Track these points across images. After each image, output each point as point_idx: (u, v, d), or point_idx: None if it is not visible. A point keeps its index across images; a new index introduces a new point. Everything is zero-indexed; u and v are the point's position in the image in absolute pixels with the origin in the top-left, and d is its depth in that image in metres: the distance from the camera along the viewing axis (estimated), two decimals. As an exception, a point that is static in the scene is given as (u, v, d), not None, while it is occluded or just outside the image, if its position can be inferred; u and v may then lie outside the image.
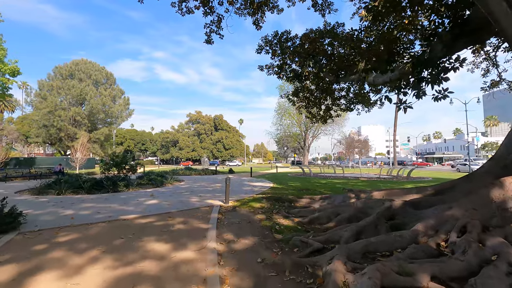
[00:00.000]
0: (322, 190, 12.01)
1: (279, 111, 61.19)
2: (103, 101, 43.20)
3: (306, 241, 4.34)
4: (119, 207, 7.73)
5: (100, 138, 44.76)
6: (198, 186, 13.78)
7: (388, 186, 15.26)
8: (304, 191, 11.57)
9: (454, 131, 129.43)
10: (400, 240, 3.94)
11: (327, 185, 15.02)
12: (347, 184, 15.98)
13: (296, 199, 8.38)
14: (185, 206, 7.94)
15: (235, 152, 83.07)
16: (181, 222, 6.00)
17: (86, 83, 43.43)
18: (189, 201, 8.78)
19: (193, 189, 12.57)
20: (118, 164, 14.84)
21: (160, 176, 15.85)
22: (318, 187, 13.63)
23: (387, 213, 5.06)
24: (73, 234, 4.99)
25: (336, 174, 25.73)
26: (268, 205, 7.88)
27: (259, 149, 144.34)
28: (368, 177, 21.49)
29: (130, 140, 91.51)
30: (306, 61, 10.52)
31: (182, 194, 10.67)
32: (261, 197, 9.46)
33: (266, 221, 6.05)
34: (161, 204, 8.27)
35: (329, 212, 6.00)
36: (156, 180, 14.52)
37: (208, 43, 10.01)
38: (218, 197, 9.76)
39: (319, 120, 13.85)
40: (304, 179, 19.63)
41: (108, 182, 11.71)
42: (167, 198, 9.52)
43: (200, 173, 24.47)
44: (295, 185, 14.90)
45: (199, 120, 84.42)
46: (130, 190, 11.84)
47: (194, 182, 16.55)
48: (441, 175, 26.94)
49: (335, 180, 18.77)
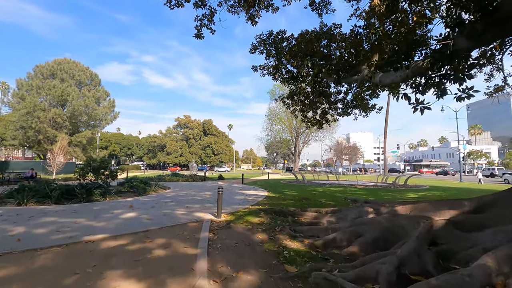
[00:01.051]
0: (323, 200, 10.89)
1: (269, 116, 60.34)
2: (86, 103, 41.08)
3: (333, 279, 3.15)
4: (87, 222, 6.33)
5: (82, 141, 42.48)
6: (186, 195, 12.40)
7: (389, 194, 14.33)
8: (304, 202, 10.41)
9: (440, 139, 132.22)
10: (470, 281, 2.81)
11: (326, 194, 13.93)
12: (346, 193, 14.96)
13: (300, 213, 7.19)
14: (169, 220, 6.62)
15: (224, 158, 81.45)
16: (162, 245, 4.69)
17: (68, 84, 41.25)
18: (174, 214, 7.44)
19: (180, 198, 11.20)
20: (96, 169, 13.30)
21: (143, 183, 14.37)
22: (317, 196, 12.51)
23: (428, 236, 3.94)
24: (7, 268, 3.62)
25: (331, 181, 24.77)
26: (268, 219, 6.66)
27: (248, 155, 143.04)
28: (364, 185, 20.59)
29: (116, 144, 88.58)
30: (304, 61, 9.64)
31: (167, 204, 9.30)
32: (258, 209, 8.22)
33: (270, 244, 4.83)
34: (140, 218, 6.90)
35: (348, 232, 4.83)
36: (138, 187, 13.05)
37: (198, 37, 8.91)
38: (208, 208, 8.47)
39: (314, 125, 13.10)
40: (299, 187, 18.50)
41: (81, 190, 10.20)
42: (149, 210, 8.14)
43: (188, 179, 22.97)
44: (291, 193, 13.74)
45: (187, 125, 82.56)
46: (107, 199, 10.36)
47: (181, 189, 15.14)
48: (437, 183, 26.41)
49: (332, 188, 17.73)
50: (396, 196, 13.74)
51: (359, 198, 10.99)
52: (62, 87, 39.78)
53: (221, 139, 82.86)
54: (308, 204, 9.74)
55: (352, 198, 11.46)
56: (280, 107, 59.37)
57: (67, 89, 40.01)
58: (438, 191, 16.79)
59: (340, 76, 10.98)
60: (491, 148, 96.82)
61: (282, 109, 59.24)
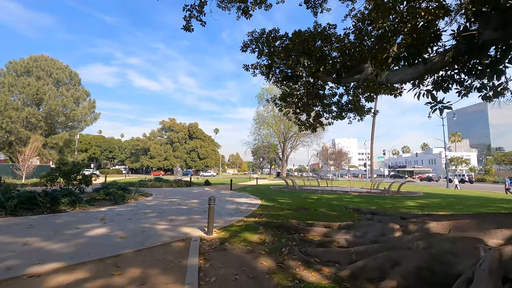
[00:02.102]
0: (323, 210, 9.84)
1: (257, 121, 59.37)
2: (64, 102, 38.63)
3: None
4: (40, 243, 4.95)
5: (59, 143, 39.93)
6: (169, 203, 11.05)
7: (387, 202, 13.50)
8: (303, 212, 9.31)
9: (422, 146, 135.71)
10: None
11: (322, 202, 12.93)
12: (342, 201, 14.03)
13: (305, 227, 6.08)
14: (148, 239, 5.34)
15: (210, 162, 79.64)
16: (135, 280, 3.44)
17: (45, 82, 38.76)
18: (155, 230, 6.15)
19: (163, 207, 9.84)
20: (67, 173, 11.73)
21: (121, 189, 12.88)
22: (314, 205, 11.47)
23: (501, 270, 2.93)
24: None
25: (322, 188, 23.91)
26: (270, 237, 5.51)
27: (234, 160, 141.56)
28: (358, 191, 19.80)
29: (96, 147, 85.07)
30: (300, 60, 8.79)
31: (147, 216, 7.95)
32: (255, 222, 7.05)
33: (281, 275, 3.68)
34: (112, 236, 5.58)
35: (380, 258, 3.75)
36: (115, 194, 11.57)
37: (187, 30, 7.84)
38: (196, 221, 7.22)
39: (308, 128, 12.10)
40: (291, 194, 17.45)
41: (45, 199, 8.68)
42: (124, 223, 6.79)
43: (172, 184, 21.45)
44: (286, 201, 12.64)
45: (172, 128, 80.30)
46: (76, 209, 8.89)
47: (164, 196, 13.73)
48: (427, 189, 26.10)
49: (326, 195, 16.78)
50: (396, 204, 12.93)
51: (362, 208, 10.04)
52: (37, 85, 37.28)
53: (207, 143, 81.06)
54: (309, 215, 8.66)
55: (353, 207, 10.51)
56: (268, 111, 58.65)
57: (43, 88, 37.54)
58: (434, 199, 16.17)
59: (340, 76, 10.21)
60: (471, 155, 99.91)
61: (270, 113, 58.51)
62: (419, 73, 6.53)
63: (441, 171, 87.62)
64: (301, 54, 9.10)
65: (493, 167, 67.78)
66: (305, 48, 9.41)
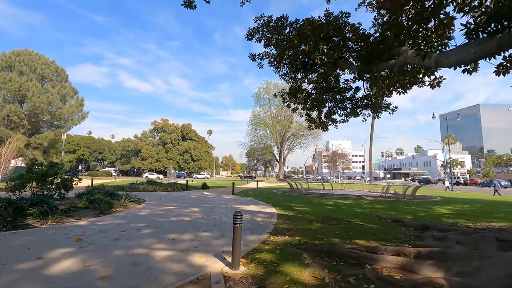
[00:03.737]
0: (357, 221, 8.05)
1: (254, 121, 57.53)
2: (49, 100, 36.03)
3: None
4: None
5: (43, 143, 37.26)
6: (166, 213, 9.10)
7: (414, 209, 11.87)
8: (336, 225, 7.48)
9: (416, 148, 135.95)
10: None
11: (344, 210, 11.18)
12: (363, 207, 12.33)
13: (368, 255, 4.27)
14: (143, 280, 3.45)
15: (204, 164, 77.38)
16: None
17: (28, 77, 36.13)
18: (153, 261, 4.23)
19: (159, 219, 7.88)
20: (41, 176, 9.67)
21: (108, 195, 10.87)
22: (339, 214, 9.71)
23: None
24: None
25: (329, 191, 22.23)
26: (327, 273, 3.69)
27: (228, 162, 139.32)
28: (372, 196, 18.14)
29: (85, 148, 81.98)
30: (319, 45, 7.23)
31: (140, 234, 5.99)
32: (289, 243, 5.21)
33: None
34: (86, 274, 3.64)
35: None
36: (101, 201, 9.57)
37: (188, 7, 6.09)
38: (207, 242, 5.34)
39: (318, 126, 10.88)
40: (301, 199, 15.66)
41: (7, 210, 6.66)
42: (107, 249, 4.83)
43: (166, 188, 19.37)
44: (303, 209, 10.82)
45: (165, 129, 77.81)
46: (48, 223, 6.89)
47: (159, 203, 11.75)
48: (440, 193, 24.69)
49: (340, 200, 15.05)
50: (428, 211, 11.28)
51: (403, 219, 8.31)
52: (20, 81, 34.64)
53: (201, 144, 78.81)
54: (347, 229, 6.86)
55: (391, 217, 8.77)
56: (265, 111, 56.96)
57: (26, 84, 34.91)
58: (461, 204, 14.56)
59: (368, 63, 8.65)
60: (465, 157, 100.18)
61: (267, 113, 56.82)
62: (490, 50, 4.84)
63: (436, 173, 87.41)
64: (320, 39, 7.42)
65: (492, 170, 67.56)
66: (324, 32, 7.62)
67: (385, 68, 8.49)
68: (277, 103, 56.04)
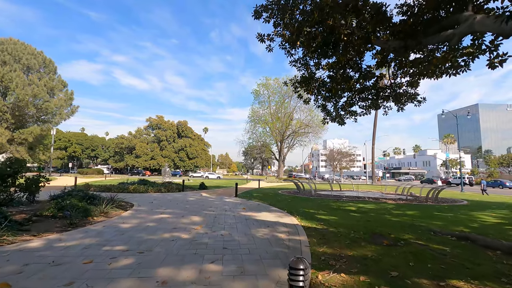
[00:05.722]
0: (408, 238, 6.01)
1: (252, 118, 55.31)
2: (34, 92, 33.46)
3: None
4: None
5: (28, 138, 34.76)
6: (158, 226, 6.94)
7: (452, 216, 9.87)
8: (392, 248, 5.44)
9: (414, 148, 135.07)
10: None
11: (373, 217, 9.16)
12: (393, 214, 10.34)
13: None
14: None
15: (200, 162, 75.03)
16: None
17: (12, 68, 33.51)
18: None
19: (146, 237, 5.73)
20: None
21: (86, 199, 8.71)
22: (371, 224, 7.66)
23: None
24: None
25: (341, 192, 20.27)
26: None
27: (224, 160, 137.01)
28: (392, 199, 16.15)
29: (77, 145, 79.15)
30: (346, 18, 6.16)
31: (110, 273, 3.84)
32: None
33: None
34: None
35: None
36: (74, 208, 7.42)
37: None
38: (217, 284, 3.25)
39: (334, 120, 9.75)
40: (312, 201, 13.61)
41: None
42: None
43: (160, 189, 17.15)
44: (327, 218, 8.74)
45: (160, 126, 75.24)
46: (-16, 244, 4.75)
47: (150, 209, 9.59)
48: (457, 195, 22.84)
49: (361, 205, 13.02)
50: (472, 219, 9.34)
51: (470, 235, 6.30)
52: (2, 71, 32.06)
53: (197, 142, 76.42)
54: (415, 256, 4.80)
55: (452, 233, 6.74)
56: (265, 108, 54.83)
57: (9, 74, 32.32)
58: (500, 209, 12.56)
59: (415, 35, 6.87)
60: (465, 157, 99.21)
61: (266, 110, 54.69)
62: None
63: (435, 173, 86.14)
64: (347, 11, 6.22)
65: (497, 170, 66.38)
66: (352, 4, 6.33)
67: (440, 41, 6.59)
68: (277, 99, 53.95)
